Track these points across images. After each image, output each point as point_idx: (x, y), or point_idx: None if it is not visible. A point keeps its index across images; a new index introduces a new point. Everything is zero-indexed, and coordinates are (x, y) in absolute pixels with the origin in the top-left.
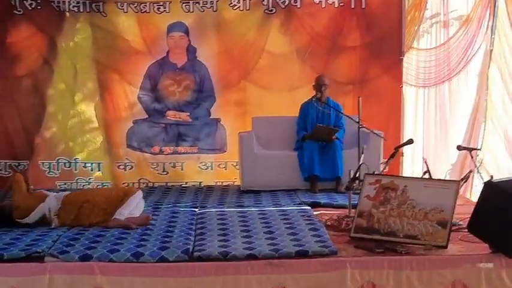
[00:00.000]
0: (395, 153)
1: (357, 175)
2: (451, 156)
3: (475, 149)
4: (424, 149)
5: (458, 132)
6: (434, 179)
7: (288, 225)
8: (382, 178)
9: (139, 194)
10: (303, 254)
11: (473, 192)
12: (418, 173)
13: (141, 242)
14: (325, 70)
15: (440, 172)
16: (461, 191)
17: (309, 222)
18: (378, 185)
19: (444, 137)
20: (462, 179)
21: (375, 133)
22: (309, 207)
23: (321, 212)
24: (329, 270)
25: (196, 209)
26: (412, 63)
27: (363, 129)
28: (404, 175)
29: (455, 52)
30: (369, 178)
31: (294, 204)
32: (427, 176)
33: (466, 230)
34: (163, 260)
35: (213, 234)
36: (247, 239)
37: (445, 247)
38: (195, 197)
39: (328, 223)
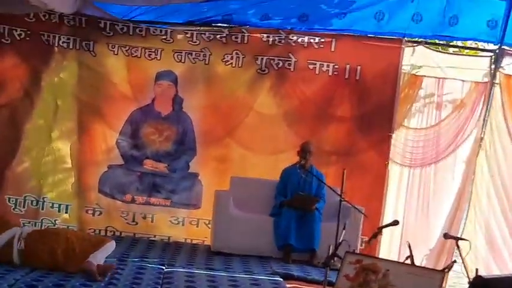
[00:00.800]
0: (378, 233)
1: (337, 251)
2: (430, 241)
3: (462, 239)
4: (403, 230)
5: (440, 218)
6: (419, 267)
7: None
8: (364, 258)
9: (114, 245)
10: None
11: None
12: (395, 254)
13: None
14: (311, 137)
15: (417, 257)
16: None
17: None
18: (358, 265)
19: (425, 220)
20: (445, 269)
21: (356, 208)
22: (282, 279)
23: (294, 285)
24: None
25: (163, 267)
26: (400, 141)
27: (344, 203)
28: (381, 256)
29: (445, 135)
30: (350, 257)
31: (266, 274)
32: (409, 261)
33: None
34: None
35: None
36: None
37: None
38: (163, 253)
39: None
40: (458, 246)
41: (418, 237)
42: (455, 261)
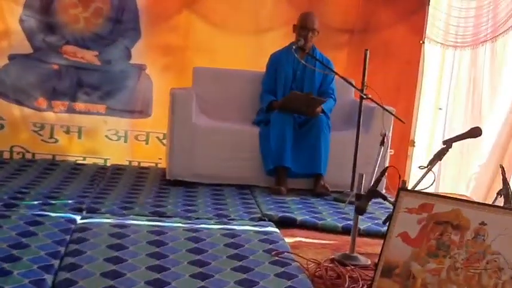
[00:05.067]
0: (446, 151)
1: (377, 187)
2: (483, 151)
3: None
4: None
5: (498, 118)
6: None
7: (241, 271)
8: (436, 201)
9: None
10: None
11: None
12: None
13: None
14: (311, 8)
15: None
16: None
17: (280, 264)
18: (424, 215)
19: (477, 122)
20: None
21: (385, 109)
22: (276, 229)
23: (298, 239)
24: None
25: (78, 215)
26: (440, 10)
27: (368, 102)
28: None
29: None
30: (408, 198)
31: (251, 218)
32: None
33: None
34: None
35: (91, 281)
36: None
37: None
38: (89, 186)
39: (317, 273)
40: None
41: (468, 146)
42: None
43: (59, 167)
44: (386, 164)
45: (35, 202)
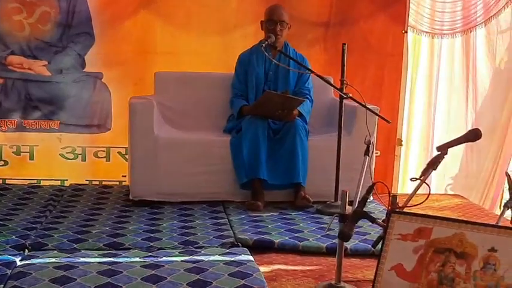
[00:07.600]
0: (441, 158)
1: (363, 206)
2: (482, 153)
3: None
4: (434, 137)
5: (494, 112)
6: None
7: None
8: (434, 224)
9: None
10: None
11: None
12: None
13: None
14: (281, 1)
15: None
16: None
17: None
18: (422, 242)
19: (470, 120)
20: None
21: (368, 109)
22: (250, 256)
23: (276, 267)
24: None
25: (18, 256)
26: None
27: (348, 101)
28: None
29: None
30: (401, 222)
31: (222, 244)
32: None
33: None
34: None
35: None
36: None
37: None
38: (40, 212)
39: None
40: None
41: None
42: None
43: (10, 192)
44: (373, 173)
45: None
